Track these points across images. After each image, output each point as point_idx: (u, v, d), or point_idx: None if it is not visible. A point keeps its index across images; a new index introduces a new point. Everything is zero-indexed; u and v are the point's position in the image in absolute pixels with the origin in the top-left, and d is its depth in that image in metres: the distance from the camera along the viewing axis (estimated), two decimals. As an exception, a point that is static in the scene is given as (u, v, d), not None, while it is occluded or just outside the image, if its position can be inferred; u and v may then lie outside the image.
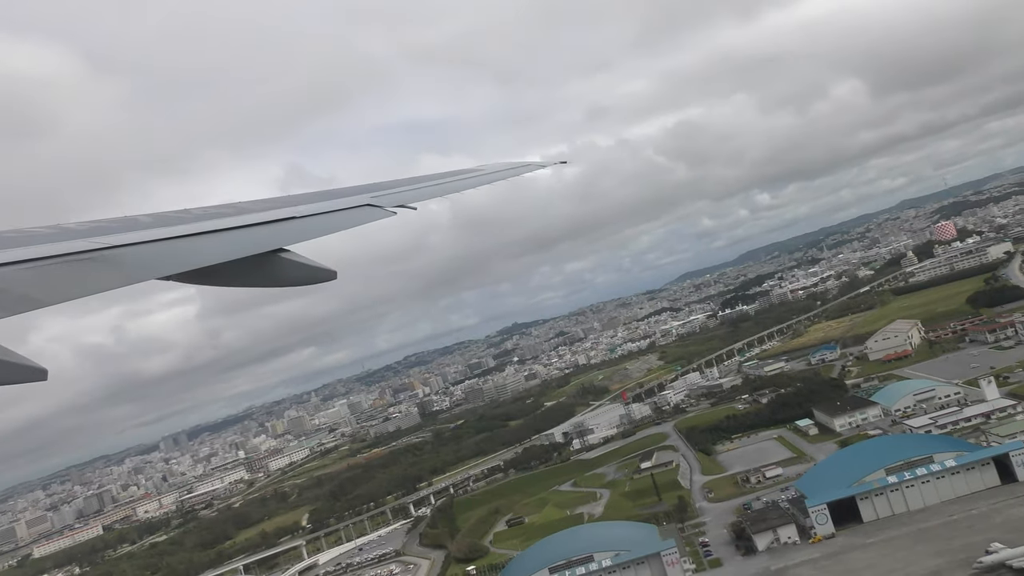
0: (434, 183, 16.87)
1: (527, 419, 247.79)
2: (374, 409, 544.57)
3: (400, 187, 15.68)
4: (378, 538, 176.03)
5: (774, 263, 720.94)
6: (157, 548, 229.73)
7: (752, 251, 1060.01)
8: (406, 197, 14.33)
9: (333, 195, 14.32)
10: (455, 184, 17.20)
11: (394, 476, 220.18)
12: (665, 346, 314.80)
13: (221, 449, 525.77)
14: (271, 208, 12.35)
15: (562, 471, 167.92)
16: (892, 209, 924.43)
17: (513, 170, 20.25)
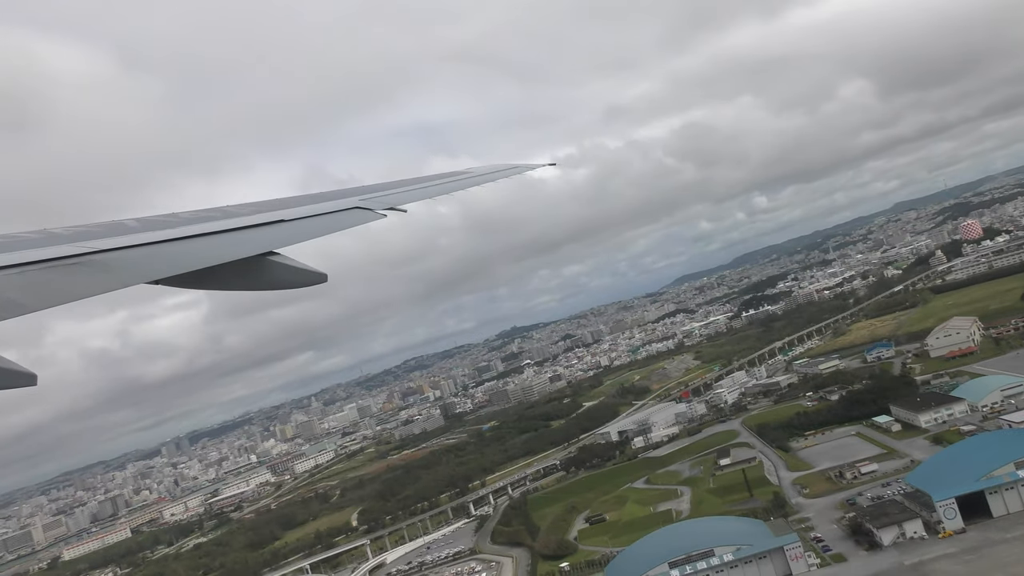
0: (422, 185, 16.99)
1: (568, 419, 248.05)
2: (384, 413, 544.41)
3: (389, 189, 15.84)
4: (443, 536, 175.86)
5: (775, 265, 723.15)
6: (201, 549, 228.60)
7: (748, 254, 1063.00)
8: (396, 199, 14.42)
9: (323, 198, 14.41)
10: (444, 186, 17.27)
11: (441, 476, 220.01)
12: (696, 346, 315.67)
13: (231, 453, 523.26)
14: (260, 211, 12.35)
15: (630, 469, 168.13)
16: (887, 212, 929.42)
17: (501, 172, 20.38)
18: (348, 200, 13.95)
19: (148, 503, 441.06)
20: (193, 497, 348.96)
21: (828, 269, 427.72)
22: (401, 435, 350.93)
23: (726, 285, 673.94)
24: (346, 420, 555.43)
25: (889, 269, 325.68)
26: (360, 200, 13.96)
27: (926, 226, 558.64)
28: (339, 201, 13.84)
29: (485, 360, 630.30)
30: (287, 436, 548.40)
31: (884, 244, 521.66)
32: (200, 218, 11.32)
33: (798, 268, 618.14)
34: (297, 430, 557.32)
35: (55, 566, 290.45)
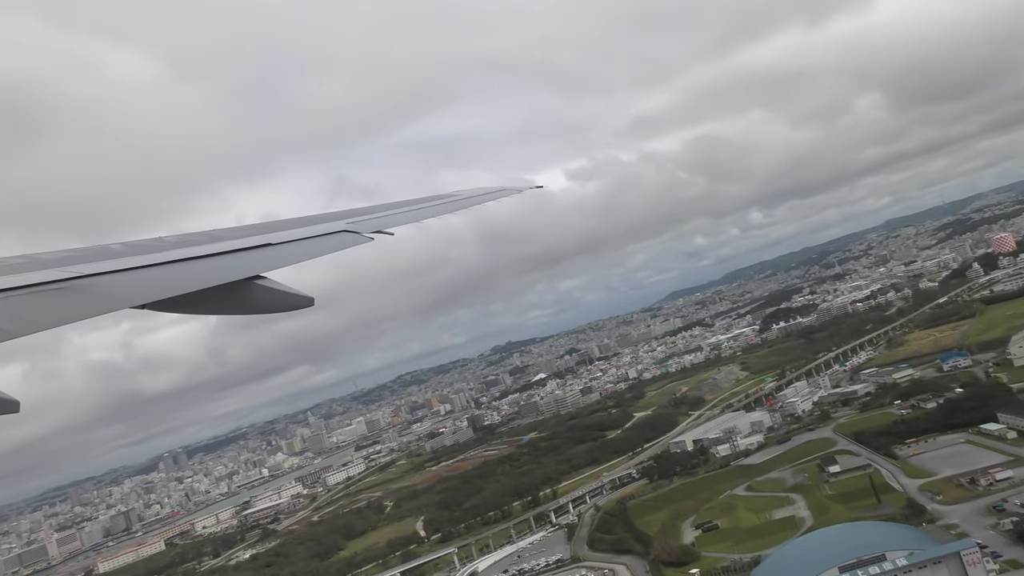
0: (409, 209, 17.20)
1: (624, 430, 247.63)
2: (394, 426, 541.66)
3: (377, 213, 15.97)
4: (531, 545, 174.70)
5: (774, 281, 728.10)
6: (259, 560, 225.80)
7: (739, 270, 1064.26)
8: (383, 223, 14.48)
9: (309, 221, 14.58)
10: (431, 210, 17.44)
11: (505, 486, 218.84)
12: (731, 358, 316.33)
13: (240, 467, 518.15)
14: (247, 235, 12.42)
15: (724, 477, 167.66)
16: (878, 228, 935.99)
17: (488, 196, 20.60)
18: (335, 224, 14.07)
19: (161, 517, 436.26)
20: (222, 510, 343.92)
21: (850, 283, 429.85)
22: (432, 447, 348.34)
23: (728, 300, 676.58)
24: (355, 434, 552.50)
25: (923, 281, 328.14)
26: (347, 224, 14.09)
27: (928, 242, 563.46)
28: (326, 225, 14.00)
29: (491, 375, 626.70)
30: (295, 450, 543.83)
31: (890, 259, 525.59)
32: (186, 242, 11.47)
33: (801, 283, 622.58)
34: (305, 444, 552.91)
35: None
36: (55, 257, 9.33)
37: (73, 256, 9.44)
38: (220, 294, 9.47)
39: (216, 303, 9.51)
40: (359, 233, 13.49)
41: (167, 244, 11.20)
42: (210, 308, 9.50)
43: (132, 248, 10.53)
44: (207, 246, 11.13)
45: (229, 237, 12.18)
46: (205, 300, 9.30)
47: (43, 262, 8.88)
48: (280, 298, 9.80)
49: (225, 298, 9.58)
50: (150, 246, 10.90)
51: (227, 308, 9.68)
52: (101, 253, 9.88)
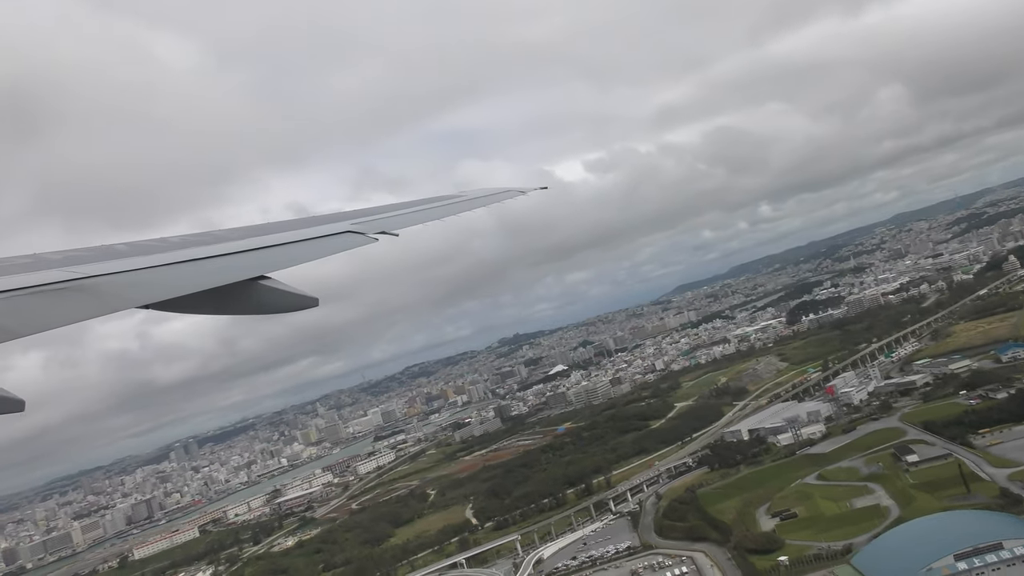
0: (414, 210, 17.43)
1: (668, 420, 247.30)
2: (409, 417, 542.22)
3: (381, 213, 16.22)
4: (593, 532, 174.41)
5: (785, 274, 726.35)
6: (307, 546, 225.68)
7: (745, 264, 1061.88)
8: (387, 224, 14.67)
9: (314, 222, 14.84)
10: (436, 211, 17.64)
11: (555, 475, 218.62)
12: (764, 350, 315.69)
13: (259, 457, 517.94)
14: (251, 236, 12.65)
15: (791, 466, 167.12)
16: (886, 222, 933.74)
17: (493, 197, 20.85)
18: (340, 224, 14.30)
19: (182, 505, 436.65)
20: (251, 498, 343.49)
21: (873, 276, 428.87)
22: (462, 437, 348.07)
23: (740, 293, 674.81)
24: (371, 424, 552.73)
25: (957, 274, 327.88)
26: (352, 224, 14.30)
27: (943, 236, 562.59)
28: (331, 225, 14.24)
29: (504, 366, 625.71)
30: (311, 440, 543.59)
31: (907, 253, 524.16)
32: (191, 242, 11.64)
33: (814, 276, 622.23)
34: (321, 434, 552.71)
35: (125, 564, 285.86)
36: (59, 257, 9.44)
37: (77, 256, 9.58)
38: (224, 294, 9.58)
39: (220, 303, 9.61)
40: (363, 234, 13.63)
41: (171, 244, 11.33)
42: (214, 308, 9.58)
43: (136, 248, 10.66)
44: (212, 246, 11.28)
45: (234, 238, 12.33)
46: (209, 300, 9.39)
47: (48, 262, 9.01)
48: (285, 298, 9.90)
49: (230, 298, 9.68)
50: (154, 246, 11.06)
51: (231, 308, 9.77)
52: (105, 253, 10.06)
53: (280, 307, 9.94)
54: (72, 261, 9.12)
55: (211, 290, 9.41)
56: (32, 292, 7.62)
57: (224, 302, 9.66)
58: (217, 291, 9.49)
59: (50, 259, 9.29)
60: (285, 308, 9.97)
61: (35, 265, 8.73)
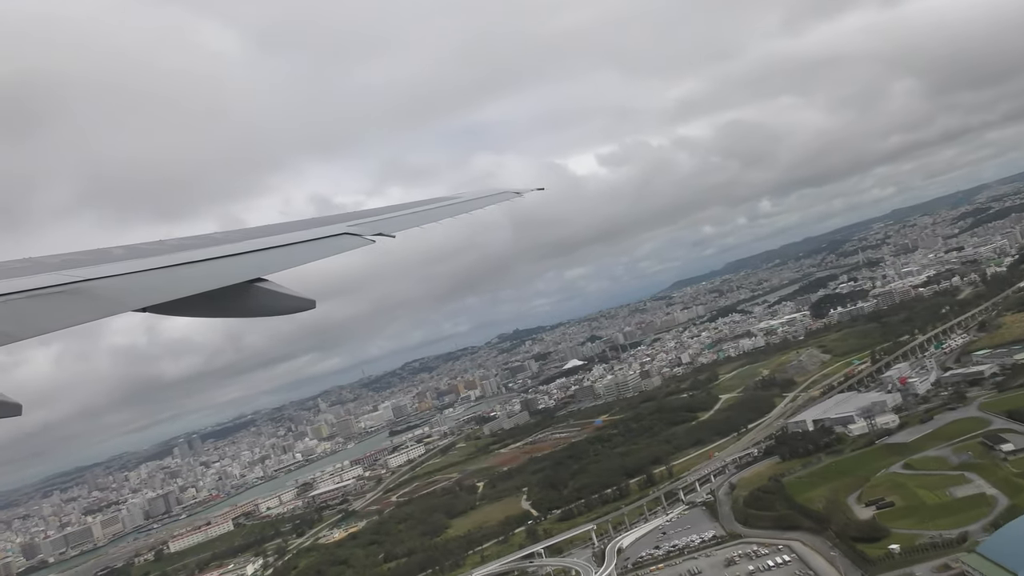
0: (411, 211, 17.58)
1: (716, 412, 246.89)
2: (420, 412, 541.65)
3: (377, 215, 16.43)
4: (669, 522, 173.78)
5: (787, 270, 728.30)
6: (359, 538, 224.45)
7: (741, 260, 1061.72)
8: (384, 226, 14.79)
9: (311, 224, 15.02)
10: (432, 213, 17.76)
11: (608, 466, 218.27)
12: (801, 342, 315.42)
13: (272, 452, 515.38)
14: (247, 238, 12.70)
15: (871, 456, 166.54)
16: (884, 218, 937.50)
17: (490, 199, 21.06)
18: (336, 227, 14.37)
19: (199, 500, 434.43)
20: (282, 491, 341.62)
21: (894, 269, 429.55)
22: (491, 430, 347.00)
23: (746, 288, 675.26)
24: (381, 419, 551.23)
25: (989, 266, 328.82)
26: (348, 226, 14.35)
27: (950, 231, 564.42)
28: (327, 227, 14.32)
29: (514, 361, 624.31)
30: (323, 435, 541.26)
31: (916, 247, 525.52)
32: (187, 245, 11.64)
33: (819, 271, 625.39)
34: (333, 429, 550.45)
35: (161, 557, 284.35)
36: (55, 260, 9.41)
37: (73, 259, 9.55)
38: (221, 297, 9.55)
39: (217, 306, 9.59)
40: (360, 236, 13.69)
41: (168, 247, 11.33)
42: (211, 311, 9.60)
43: (133, 252, 10.68)
44: (208, 249, 11.28)
45: (230, 240, 12.33)
46: (206, 303, 9.38)
47: (44, 265, 9.00)
48: (281, 301, 9.89)
49: (226, 301, 9.65)
50: (151, 249, 11.06)
51: (228, 311, 9.77)
52: (102, 256, 10.04)
53: (277, 309, 9.95)
54: (69, 264, 9.07)
55: (208, 293, 9.40)
56: (29, 296, 7.58)
57: (221, 305, 9.64)
58: (214, 294, 9.47)
59: (47, 262, 9.27)
60: (282, 310, 9.98)
61: (32, 268, 8.69)
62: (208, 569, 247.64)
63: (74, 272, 8.64)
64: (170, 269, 9.97)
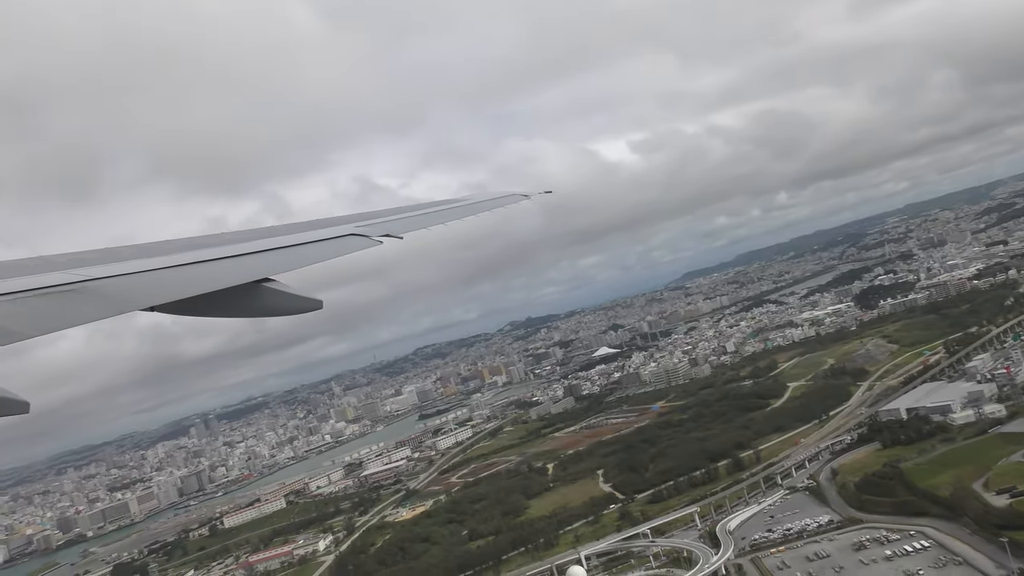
0: (419, 212, 17.73)
1: (789, 399, 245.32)
2: (446, 396, 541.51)
3: (385, 217, 16.49)
4: (771, 506, 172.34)
5: (808, 262, 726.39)
6: (434, 517, 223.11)
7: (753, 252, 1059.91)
8: (392, 227, 14.92)
9: (319, 224, 15.07)
10: (440, 215, 17.85)
11: (687, 450, 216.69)
12: (857, 332, 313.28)
13: (300, 433, 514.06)
14: (255, 239, 12.74)
15: (986, 444, 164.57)
16: (899, 212, 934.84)
17: (498, 201, 21.25)
18: (344, 227, 14.38)
19: (232, 479, 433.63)
20: (333, 471, 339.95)
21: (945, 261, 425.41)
22: (538, 414, 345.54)
23: (767, 280, 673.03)
24: (406, 403, 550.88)
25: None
26: (356, 227, 14.39)
27: (976, 225, 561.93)
28: (335, 228, 14.33)
29: (538, 348, 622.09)
30: (348, 417, 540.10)
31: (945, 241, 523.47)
32: (195, 245, 11.68)
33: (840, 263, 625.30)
34: (358, 412, 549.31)
35: (216, 532, 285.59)
36: (64, 259, 9.42)
37: (82, 258, 9.55)
38: (228, 297, 9.52)
39: (225, 306, 9.53)
40: (368, 236, 13.75)
41: (176, 247, 11.34)
42: (219, 311, 9.53)
43: (141, 251, 10.69)
44: (215, 249, 11.29)
45: (238, 240, 12.34)
46: (214, 303, 9.33)
47: (53, 264, 9.02)
48: (288, 301, 9.87)
49: (233, 301, 9.61)
50: (159, 248, 11.06)
51: (236, 311, 9.71)
52: (110, 255, 10.01)
53: (284, 310, 9.91)
54: (77, 263, 9.06)
55: (215, 293, 9.35)
56: (38, 294, 7.62)
57: (228, 305, 9.59)
58: (221, 293, 9.42)
59: (56, 261, 9.28)
60: (289, 311, 9.94)
61: (41, 267, 8.72)
62: (272, 545, 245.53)
63: (82, 271, 8.63)
64: (178, 269, 9.95)
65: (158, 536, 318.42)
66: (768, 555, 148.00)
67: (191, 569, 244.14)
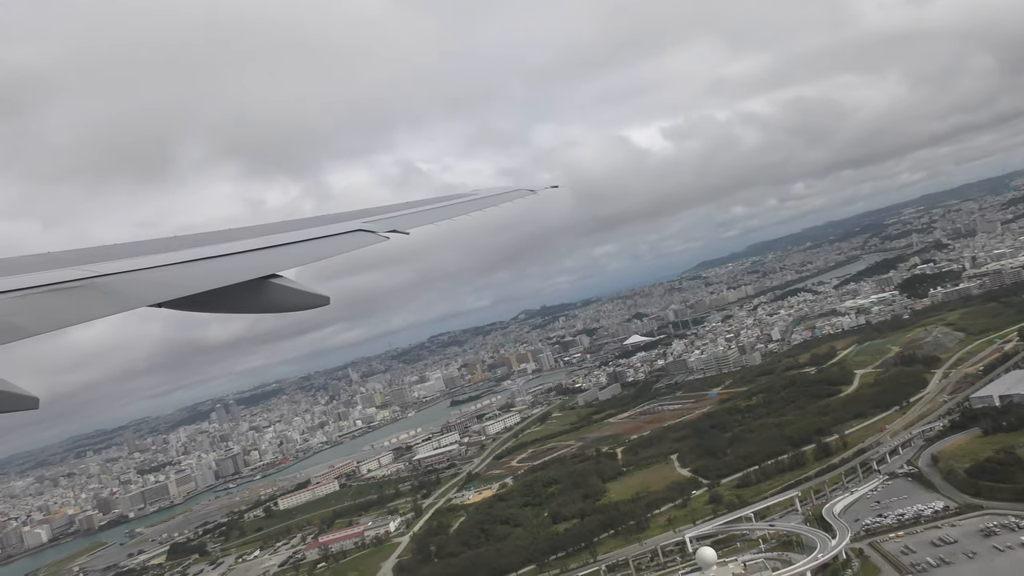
0: (427, 208, 17.79)
1: (861, 386, 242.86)
2: (474, 383, 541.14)
3: (392, 212, 16.50)
4: (872, 492, 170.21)
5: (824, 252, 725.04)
6: (507, 500, 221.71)
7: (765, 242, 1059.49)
8: (398, 223, 14.78)
9: (325, 220, 15.08)
10: (446, 210, 17.87)
11: (766, 436, 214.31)
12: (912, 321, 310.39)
13: (330, 418, 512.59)
14: (262, 235, 12.70)
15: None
16: (914, 203, 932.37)
17: (505, 196, 21.32)
18: (351, 223, 14.35)
19: (268, 462, 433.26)
20: (381, 455, 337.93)
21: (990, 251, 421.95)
22: (586, 400, 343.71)
23: (790, 270, 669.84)
24: (433, 389, 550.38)
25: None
26: (363, 223, 14.32)
27: (1003, 216, 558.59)
28: (341, 224, 14.29)
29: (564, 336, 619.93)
30: (375, 403, 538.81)
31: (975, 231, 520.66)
32: (202, 241, 11.65)
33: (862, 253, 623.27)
34: (386, 398, 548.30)
35: (272, 513, 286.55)
36: (72, 256, 9.50)
37: (90, 255, 9.62)
38: (236, 293, 9.58)
39: (232, 302, 9.59)
40: (375, 232, 13.71)
41: (183, 243, 11.37)
42: (226, 307, 9.57)
43: (149, 247, 10.75)
44: (222, 245, 11.26)
45: (245, 236, 12.30)
46: (220, 299, 9.40)
47: (61, 260, 9.08)
48: (295, 297, 9.92)
49: (241, 297, 9.66)
50: (166, 245, 11.17)
51: (242, 307, 9.74)
52: (118, 252, 10.07)
53: (291, 306, 9.91)
54: (85, 259, 9.10)
55: (222, 288, 9.37)
56: (46, 290, 7.60)
57: (235, 301, 9.61)
58: (228, 290, 9.45)
59: (64, 257, 9.34)
60: (296, 307, 9.94)
61: (48, 264, 8.73)
62: (336, 526, 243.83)
63: (91, 267, 8.58)
64: (186, 265, 9.93)
65: (205, 517, 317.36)
66: (887, 540, 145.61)
67: (256, 549, 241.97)
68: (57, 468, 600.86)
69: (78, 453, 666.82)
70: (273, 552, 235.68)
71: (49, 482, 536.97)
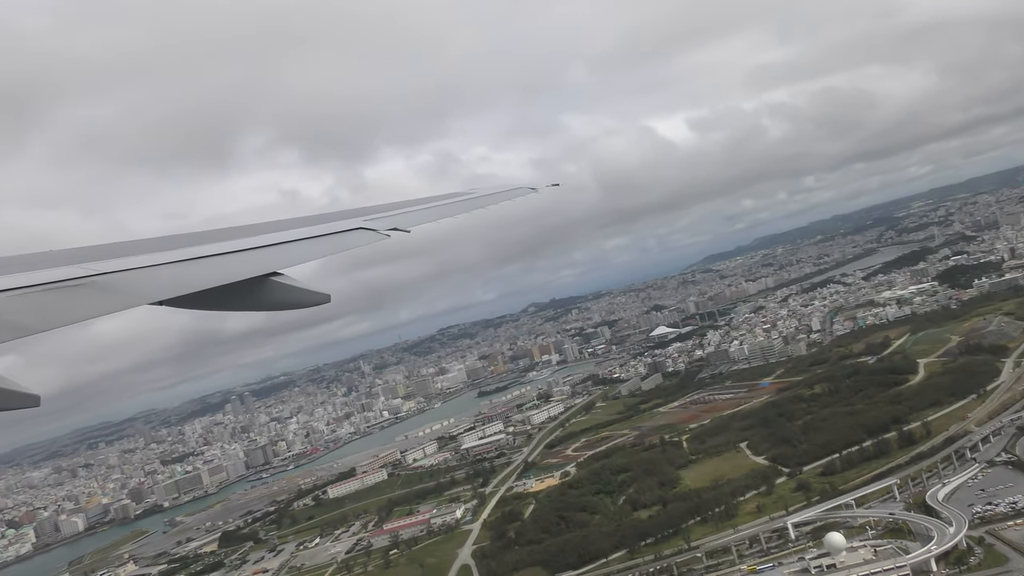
0: (427, 206, 17.54)
1: (928, 376, 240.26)
2: (497, 375, 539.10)
3: (393, 210, 16.26)
4: (972, 480, 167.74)
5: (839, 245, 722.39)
6: (578, 487, 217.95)
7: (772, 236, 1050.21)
8: (399, 221, 14.69)
9: (326, 219, 14.97)
10: (447, 208, 17.64)
11: (841, 424, 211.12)
12: (973, 309, 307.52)
13: (355, 409, 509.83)
14: (262, 232, 12.56)
15: None
16: (923, 196, 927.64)
17: (506, 194, 21.23)
18: (352, 221, 14.24)
19: (297, 453, 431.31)
20: (426, 444, 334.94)
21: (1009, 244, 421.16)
22: (630, 390, 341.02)
23: (807, 263, 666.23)
24: (456, 381, 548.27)
25: None
26: (364, 221, 14.21)
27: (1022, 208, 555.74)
28: (342, 222, 14.17)
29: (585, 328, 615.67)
30: (399, 394, 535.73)
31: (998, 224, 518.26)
32: (203, 239, 11.58)
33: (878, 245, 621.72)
34: (409, 389, 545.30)
35: (322, 502, 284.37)
36: (72, 254, 9.39)
37: (90, 253, 9.54)
38: (236, 291, 9.53)
39: (233, 300, 9.58)
40: (376, 231, 13.62)
41: (184, 241, 11.31)
42: (226, 305, 9.59)
43: (150, 245, 10.68)
44: (223, 243, 11.23)
45: (245, 235, 12.26)
46: (221, 297, 9.37)
47: (62, 259, 9.00)
48: (295, 295, 9.88)
49: (241, 295, 9.63)
50: (167, 243, 11.09)
51: (243, 305, 9.76)
52: (119, 250, 9.99)
53: (291, 304, 9.87)
54: (86, 258, 9.01)
55: (222, 286, 9.29)
56: (47, 289, 7.55)
57: (236, 299, 9.59)
58: (228, 288, 9.39)
59: (65, 256, 9.25)
60: (296, 305, 9.90)
61: (48, 262, 8.62)
62: (396, 515, 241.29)
63: (92, 266, 8.53)
64: (187, 263, 9.87)
65: (246, 506, 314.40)
66: (1006, 528, 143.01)
67: (315, 536, 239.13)
68: (71, 459, 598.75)
69: (89, 445, 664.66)
70: (334, 540, 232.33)
71: (67, 473, 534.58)
